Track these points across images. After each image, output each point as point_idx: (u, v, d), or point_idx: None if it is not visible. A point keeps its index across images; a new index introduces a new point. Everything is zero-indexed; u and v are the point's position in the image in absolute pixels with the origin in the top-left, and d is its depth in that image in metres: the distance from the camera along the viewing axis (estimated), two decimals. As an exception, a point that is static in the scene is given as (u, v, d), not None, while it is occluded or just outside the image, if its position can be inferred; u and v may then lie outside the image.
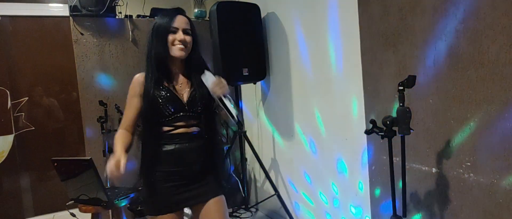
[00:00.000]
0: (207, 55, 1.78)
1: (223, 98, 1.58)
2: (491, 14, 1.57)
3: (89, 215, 2.47)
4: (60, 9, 3.28)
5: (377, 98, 2.19)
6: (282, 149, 3.31)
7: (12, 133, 3.16)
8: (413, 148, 1.95)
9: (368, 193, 2.35)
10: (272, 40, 3.27)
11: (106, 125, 3.31)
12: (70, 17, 3.22)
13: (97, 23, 3.29)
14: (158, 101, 1.62)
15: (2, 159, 3.13)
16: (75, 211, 2.42)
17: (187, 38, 1.64)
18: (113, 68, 3.41)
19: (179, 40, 1.62)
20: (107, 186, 2.81)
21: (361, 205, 2.44)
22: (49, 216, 3.26)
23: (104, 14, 3.23)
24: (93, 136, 3.34)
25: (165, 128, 1.66)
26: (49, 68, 3.28)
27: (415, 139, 1.94)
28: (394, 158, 1.71)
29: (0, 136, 3.11)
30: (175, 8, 1.69)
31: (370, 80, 2.23)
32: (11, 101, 3.15)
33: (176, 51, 1.63)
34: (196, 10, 3.76)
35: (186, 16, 1.68)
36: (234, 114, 1.57)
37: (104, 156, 3.32)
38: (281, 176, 3.36)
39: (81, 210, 2.42)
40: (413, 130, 1.62)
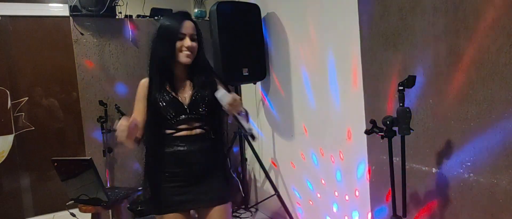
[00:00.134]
0: (207, 55, 1.78)
1: (237, 116, 1.59)
2: (491, 14, 1.57)
3: (89, 215, 2.48)
4: (60, 9, 3.28)
5: (377, 98, 2.19)
6: (282, 149, 3.31)
7: (12, 133, 3.16)
8: (413, 148, 1.95)
9: (368, 193, 2.35)
10: (272, 40, 3.27)
11: (106, 125, 3.32)
12: (70, 17, 3.22)
13: (97, 23, 3.29)
14: (160, 104, 1.64)
15: (2, 159, 3.13)
16: (75, 211, 2.43)
17: (194, 45, 1.65)
18: (113, 68, 3.41)
19: (186, 47, 1.62)
20: (107, 186, 2.81)
21: (361, 205, 2.44)
22: (49, 216, 3.26)
23: (104, 14, 3.23)
24: (93, 136, 3.34)
25: (168, 130, 1.67)
26: (49, 68, 3.29)
27: (415, 139, 1.93)
28: (394, 158, 1.71)
29: (0, 136, 3.11)
30: (182, 13, 1.68)
31: (370, 80, 2.23)
32: (11, 101, 3.15)
33: (183, 58, 1.64)
34: (196, 10, 3.76)
35: (192, 20, 1.68)
36: (247, 129, 1.59)
37: (104, 156, 3.32)
38: (281, 176, 3.36)
39: (81, 210, 2.43)
40: (413, 130, 1.63)
